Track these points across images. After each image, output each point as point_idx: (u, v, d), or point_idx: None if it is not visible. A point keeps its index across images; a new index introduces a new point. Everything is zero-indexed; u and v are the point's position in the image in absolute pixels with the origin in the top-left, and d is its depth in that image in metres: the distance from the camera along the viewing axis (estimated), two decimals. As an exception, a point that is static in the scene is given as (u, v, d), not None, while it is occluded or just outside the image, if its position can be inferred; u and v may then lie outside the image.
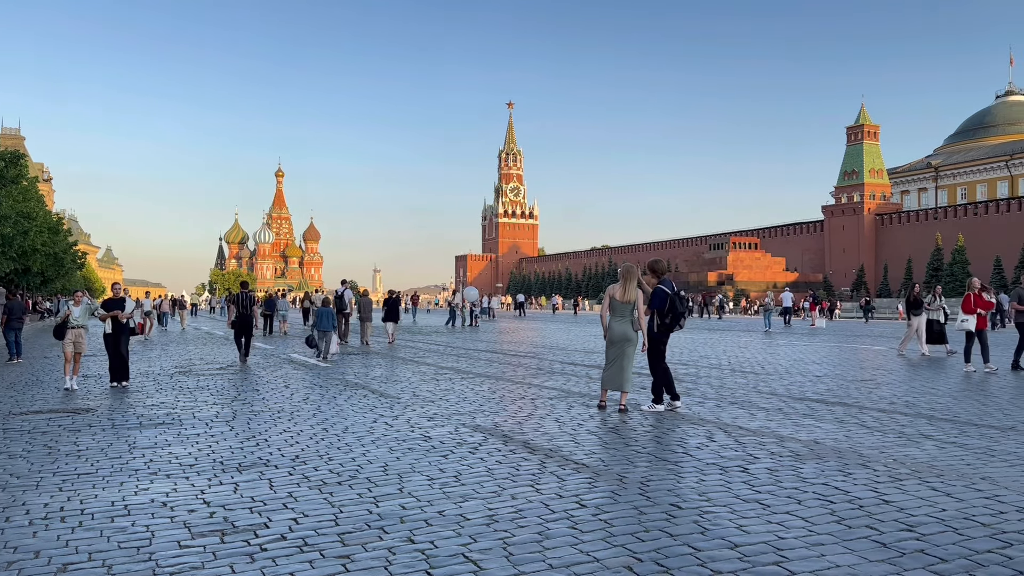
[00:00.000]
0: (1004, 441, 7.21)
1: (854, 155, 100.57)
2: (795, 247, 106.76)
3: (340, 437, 7.57)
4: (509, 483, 5.67)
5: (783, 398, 10.28)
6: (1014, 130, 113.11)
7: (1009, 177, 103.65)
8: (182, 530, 4.62)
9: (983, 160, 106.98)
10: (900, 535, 4.45)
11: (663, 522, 4.70)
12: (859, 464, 6.25)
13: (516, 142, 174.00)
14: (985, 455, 6.58)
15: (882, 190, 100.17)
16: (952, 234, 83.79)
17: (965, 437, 7.41)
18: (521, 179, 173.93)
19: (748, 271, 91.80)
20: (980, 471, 5.99)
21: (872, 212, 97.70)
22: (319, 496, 5.35)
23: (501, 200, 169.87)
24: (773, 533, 4.50)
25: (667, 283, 9.30)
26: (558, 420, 8.51)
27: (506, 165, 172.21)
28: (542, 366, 15.29)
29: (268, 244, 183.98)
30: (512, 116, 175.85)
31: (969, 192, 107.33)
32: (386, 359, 17.05)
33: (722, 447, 6.97)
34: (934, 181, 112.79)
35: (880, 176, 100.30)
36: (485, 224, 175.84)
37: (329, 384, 12.18)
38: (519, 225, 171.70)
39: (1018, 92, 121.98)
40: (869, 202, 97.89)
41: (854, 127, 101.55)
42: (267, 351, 19.81)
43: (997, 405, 9.58)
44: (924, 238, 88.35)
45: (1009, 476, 5.82)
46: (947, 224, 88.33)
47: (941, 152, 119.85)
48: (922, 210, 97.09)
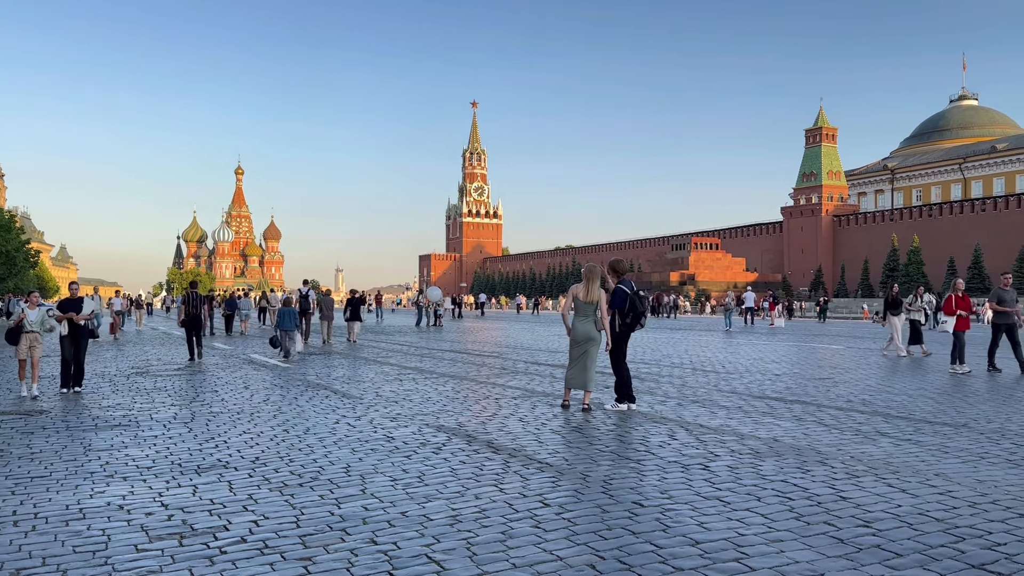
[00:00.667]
0: (957, 438, 7.38)
1: (812, 157, 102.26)
2: (755, 248, 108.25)
3: (301, 438, 7.50)
4: (473, 483, 5.66)
5: (743, 396, 10.41)
6: (967, 134, 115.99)
7: (962, 180, 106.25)
8: (139, 533, 4.54)
9: (937, 163, 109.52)
10: (857, 531, 4.53)
11: (626, 520, 4.74)
12: (817, 461, 6.36)
13: (480, 141, 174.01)
14: (939, 452, 6.74)
15: (840, 192, 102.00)
16: (908, 235, 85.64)
17: (920, 435, 7.57)
18: (485, 179, 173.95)
19: (709, 271, 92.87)
20: (934, 468, 6.13)
21: (830, 213, 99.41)
22: (280, 498, 5.29)
23: (465, 199, 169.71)
24: (733, 530, 4.56)
25: (626, 283, 9.37)
26: (522, 420, 8.52)
27: (470, 164, 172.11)
28: (506, 366, 15.30)
29: (227, 243, 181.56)
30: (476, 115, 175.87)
31: (924, 194, 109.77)
32: (348, 359, 16.94)
33: (684, 445, 7.04)
34: (890, 183, 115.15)
35: (838, 178, 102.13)
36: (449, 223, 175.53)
37: (290, 385, 12.06)
38: (483, 225, 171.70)
39: (971, 97, 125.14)
40: (827, 203, 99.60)
41: (813, 129, 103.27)
42: (226, 351, 19.55)
43: (951, 403, 9.81)
44: (880, 239, 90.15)
45: (962, 472, 5.97)
46: (903, 225, 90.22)
47: (897, 155, 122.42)
48: (878, 212, 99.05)
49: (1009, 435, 7.51)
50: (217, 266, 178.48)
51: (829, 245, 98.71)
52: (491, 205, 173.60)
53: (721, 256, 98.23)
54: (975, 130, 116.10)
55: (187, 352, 17.48)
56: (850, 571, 3.90)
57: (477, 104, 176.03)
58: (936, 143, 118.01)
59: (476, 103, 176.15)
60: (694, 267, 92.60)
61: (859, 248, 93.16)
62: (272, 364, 15.78)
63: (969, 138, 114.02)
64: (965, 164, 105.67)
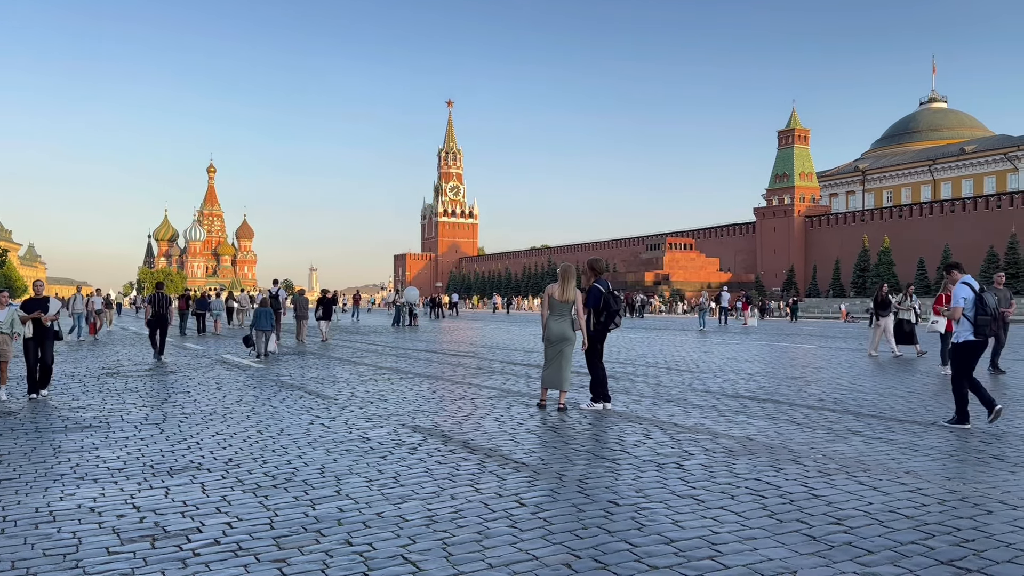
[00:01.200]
0: (927, 436, 7.50)
1: (785, 158, 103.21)
2: (728, 248, 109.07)
3: (275, 439, 7.45)
4: (449, 483, 5.66)
5: (717, 396, 10.50)
6: (937, 136, 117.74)
7: (932, 181, 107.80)
8: (111, 536, 4.49)
9: (907, 165, 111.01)
10: (829, 528, 4.59)
11: (601, 519, 4.76)
12: (790, 459, 6.43)
13: (456, 141, 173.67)
14: (909, 450, 6.84)
15: (811, 193, 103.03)
16: (878, 236, 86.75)
17: (890, 433, 7.68)
18: (461, 178, 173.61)
19: (684, 271, 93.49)
20: (904, 465, 6.22)
21: (802, 214, 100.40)
22: (254, 499, 5.26)
23: (441, 199, 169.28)
24: (707, 528, 4.60)
25: (602, 282, 9.43)
26: (498, 419, 8.52)
27: (445, 164, 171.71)
28: (482, 366, 15.30)
29: (199, 242, 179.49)
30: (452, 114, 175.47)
31: (894, 195, 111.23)
32: (322, 359, 16.84)
33: (658, 444, 7.09)
34: (861, 184, 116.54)
35: (810, 179, 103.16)
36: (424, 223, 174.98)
37: (263, 385, 11.97)
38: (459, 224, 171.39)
39: (940, 99, 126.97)
40: (799, 204, 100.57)
41: (785, 131, 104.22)
42: (198, 352, 19.35)
43: (920, 402, 9.96)
44: (852, 240, 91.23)
45: (931, 470, 6.06)
46: (873, 226, 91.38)
47: (868, 156, 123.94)
48: (850, 212, 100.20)
49: (978, 433, 7.64)
50: (189, 265, 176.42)
51: (801, 245, 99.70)
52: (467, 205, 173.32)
53: (695, 256, 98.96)
54: (944, 132, 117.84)
55: (152, 351, 17.79)
56: (822, 568, 3.95)
57: (453, 103, 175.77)
58: (906, 145, 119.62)
59: (451, 102, 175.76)
60: (668, 267, 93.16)
61: (831, 248, 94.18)
62: (245, 364, 15.65)
63: (939, 140, 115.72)
64: (935, 166, 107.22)
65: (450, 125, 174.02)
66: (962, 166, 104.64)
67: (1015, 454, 6.65)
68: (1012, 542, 4.33)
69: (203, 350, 19.90)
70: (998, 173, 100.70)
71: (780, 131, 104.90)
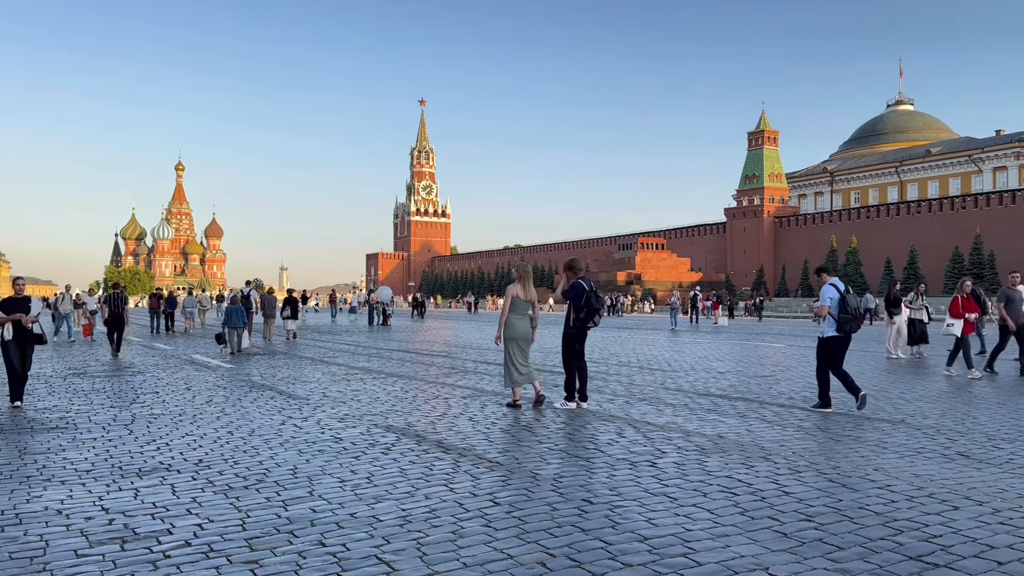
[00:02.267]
0: (895, 434, 7.61)
1: (755, 160, 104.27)
2: (699, 248, 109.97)
3: (246, 440, 7.38)
4: (423, 483, 5.65)
5: (689, 394, 10.57)
6: (903, 138, 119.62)
7: (899, 182, 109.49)
8: (79, 538, 4.42)
9: (875, 166, 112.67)
10: (800, 525, 4.65)
11: (575, 517, 4.77)
12: (761, 457, 6.49)
13: (428, 140, 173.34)
14: (877, 447, 6.94)
15: (781, 194, 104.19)
16: (846, 236, 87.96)
17: (859, 430, 7.79)
18: (434, 177, 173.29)
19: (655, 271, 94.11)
20: (873, 463, 6.31)
21: (771, 215, 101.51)
22: (225, 501, 5.20)
23: (413, 198, 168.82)
24: (680, 525, 4.63)
25: (585, 280, 9.52)
26: (472, 419, 8.52)
27: (418, 163, 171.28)
28: (455, 365, 15.28)
29: (167, 240, 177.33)
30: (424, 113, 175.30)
31: (862, 196, 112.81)
32: (294, 359, 16.71)
33: (632, 443, 7.12)
34: (830, 186, 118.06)
35: (779, 180, 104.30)
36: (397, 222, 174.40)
37: (234, 386, 11.85)
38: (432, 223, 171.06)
39: (907, 102, 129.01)
40: (768, 205, 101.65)
41: (755, 132, 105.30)
42: (167, 352, 19.11)
43: (888, 399, 10.10)
44: (820, 240, 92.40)
45: (899, 467, 6.15)
46: (841, 227, 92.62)
47: (836, 158, 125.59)
48: (818, 213, 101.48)
49: (944, 431, 7.77)
50: (157, 264, 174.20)
51: (770, 245, 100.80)
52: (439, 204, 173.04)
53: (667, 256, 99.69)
54: (911, 134, 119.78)
55: (127, 351, 17.87)
56: (794, 564, 4.00)
57: (425, 102, 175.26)
58: (874, 147, 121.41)
59: (424, 101, 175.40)
60: (640, 267, 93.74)
61: (799, 248, 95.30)
62: (215, 364, 15.49)
63: (905, 142, 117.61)
64: (901, 167, 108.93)
65: (423, 124, 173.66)
66: (928, 168, 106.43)
67: (980, 451, 6.78)
68: (978, 537, 4.42)
69: (172, 350, 19.65)
70: (963, 175, 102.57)
71: (750, 132, 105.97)
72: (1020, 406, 9.48)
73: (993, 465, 6.22)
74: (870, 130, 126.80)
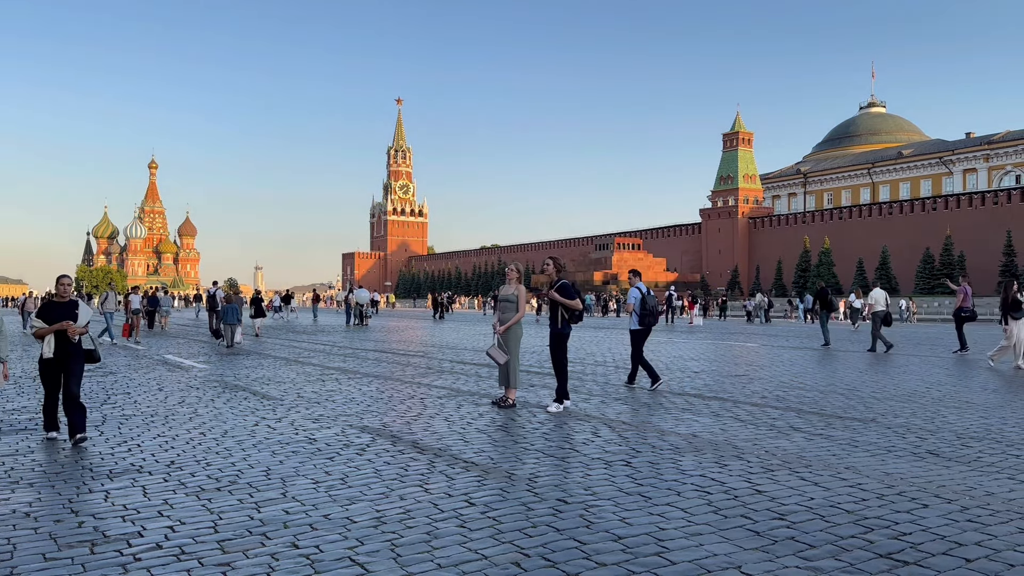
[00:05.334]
0: (866, 433, 7.70)
1: (730, 161, 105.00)
2: (675, 248, 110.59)
3: (219, 441, 7.31)
4: (397, 484, 5.62)
5: (663, 394, 10.62)
6: (876, 140, 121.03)
7: (871, 184, 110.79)
8: (47, 542, 4.35)
9: (847, 168, 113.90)
10: (772, 523, 4.68)
11: (550, 517, 4.78)
12: (734, 456, 6.53)
13: (405, 139, 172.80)
14: (849, 446, 7.01)
15: (755, 195, 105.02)
16: (819, 237, 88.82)
17: (831, 429, 7.86)
18: (410, 176, 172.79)
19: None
20: (844, 461, 6.38)
21: (746, 216, 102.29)
22: (197, 503, 5.15)
23: (390, 197, 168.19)
24: (655, 524, 4.65)
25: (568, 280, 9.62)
26: (447, 419, 8.50)
27: (395, 162, 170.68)
28: (431, 365, 15.24)
29: (140, 239, 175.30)
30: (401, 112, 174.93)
31: (835, 198, 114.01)
32: (268, 359, 16.58)
33: (607, 442, 7.14)
34: (803, 187, 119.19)
35: (754, 181, 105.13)
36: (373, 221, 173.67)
37: (207, 386, 11.74)
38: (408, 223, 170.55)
39: (879, 104, 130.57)
40: (743, 206, 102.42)
41: (730, 134, 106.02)
42: (139, 352, 18.89)
43: (860, 399, 10.21)
44: (794, 241, 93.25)
45: (870, 466, 6.22)
46: (815, 228, 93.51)
47: (810, 159, 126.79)
48: (792, 214, 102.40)
49: (914, 429, 7.87)
50: (129, 263, 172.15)
51: (745, 246, 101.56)
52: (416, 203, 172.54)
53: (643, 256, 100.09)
54: (883, 136, 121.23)
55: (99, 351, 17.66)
56: (766, 563, 4.03)
57: (402, 101, 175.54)
58: (847, 148, 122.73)
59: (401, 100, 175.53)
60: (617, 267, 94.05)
61: (773, 249, 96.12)
62: (188, 365, 15.33)
63: (878, 144, 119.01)
64: (873, 169, 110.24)
65: (399, 123, 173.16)
66: (899, 169, 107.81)
67: (949, 449, 6.87)
68: (947, 534, 4.48)
69: (144, 350, 19.43)
70: (934, 176, 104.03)
71: (725, 134, 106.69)
72: (988, 405, 9.63)
73: (962, 463, 6.31)
74: (843, 132, 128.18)
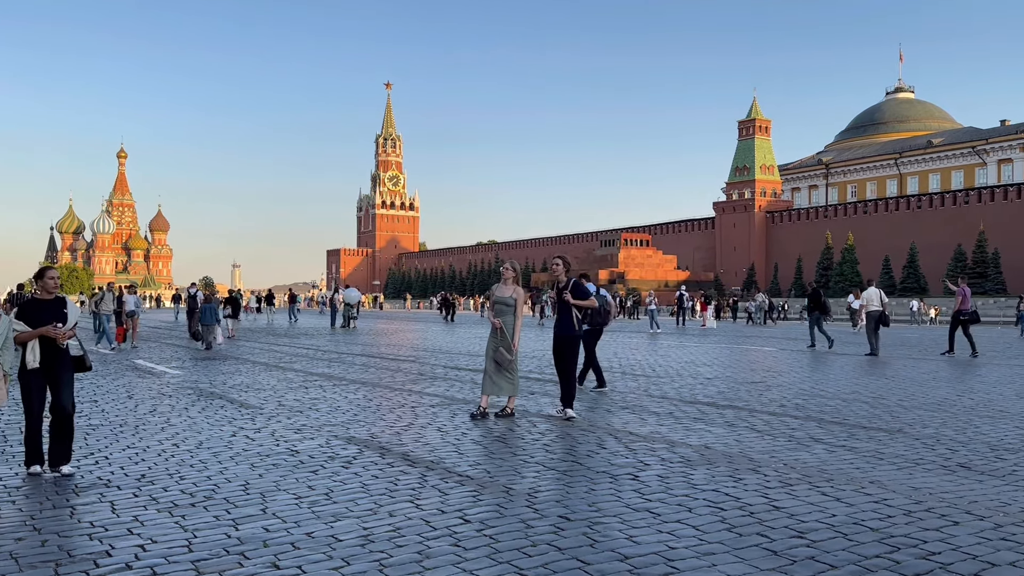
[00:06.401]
0: (892, 444, 7.71)
1: (746, 150, 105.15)
2: (687, 245, 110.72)
3: (193, 453, 7.31)
4: (386, 499, 5.63)
5: (674, 401, 10.64)
6: (903, 128, 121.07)
7: (898, 175, 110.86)
8: (8, 562, 4.35)
9: (873, 158, 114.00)
10: (791, 542, 4.69)
11: (551, 535, 4.78)
12: (750, 469, 6.55)
13: (395, 126, 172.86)
14: (874, 458, 7.02)
15: (773, 186, 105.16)
16: (842, 233, 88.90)
17: (854, 440, 7.88)
18: (400, 167, 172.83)
19: (640, 269, 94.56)
20: (869, 475, 6.39)
21: (763, 209, 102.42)
22: (169, 520, 5.15)
23: (378, 189, 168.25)
24: (664, 543, 4.66)
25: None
26: (440, 429, 8.51)
27: (384, 151, 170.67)
28: (423, 371, 15.25)
29: (108, 235, 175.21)
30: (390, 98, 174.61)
31: (859, 190, 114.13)
32: (246, 365, 16.59)
33: (612, 454, 7.15)
34: (825, 178, 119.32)
35: (771, 172, 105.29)
36: (361, 216, 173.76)
37: (180, 394, 11.75)
38: (398, 217, 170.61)
39: (907, 89, 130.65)
40: (760, 199, 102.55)
41: (746, 121, 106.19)
42: (107, 357, 18.89)
43: (885, 407, 10.23)
44: (814, 236, 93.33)
45: (897, 479, 6.23)
46: (837, 222, 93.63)
47: (832, 149, 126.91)
48: (812, 208, 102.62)
49: (944, 440, 7.89)
50: (96, 260, 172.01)
51: (762, 242, 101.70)
52: (407, 196, 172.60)
53: (652, 253, 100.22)
54: (911, 124, 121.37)
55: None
56: (784, 584, 4.03)
57: (391, 85, 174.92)
58: (872, 137, 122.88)
59: (390, 84, 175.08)
60: (624, 264, 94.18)
61: (792, 245, 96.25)
62: (160, 371, 15.34)
63: (905, 132, 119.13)
64: (901, 159, 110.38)
65: (388, 109, 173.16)
66: (929, 160, 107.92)
67: (982, 462, 6.88)
68: (979, 554, 4.48)
69: (112, 356, 19.43)
70: (966, 167, 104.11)
71: (741, 121, 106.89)
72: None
73: (996, 477, 6.32)
74: (868, 119, 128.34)
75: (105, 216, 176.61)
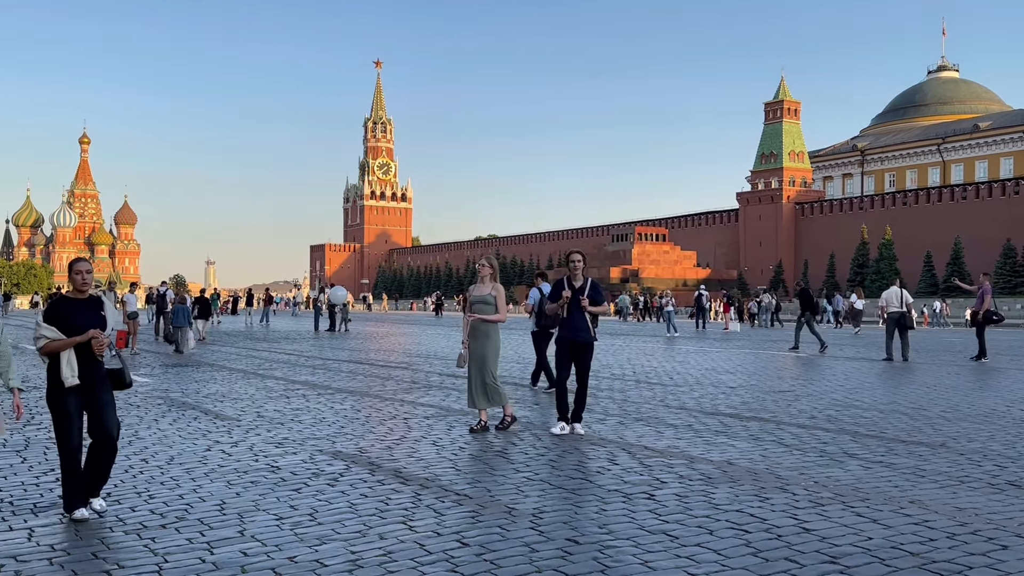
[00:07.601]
0: (934, 460, 7.71)
1: (773, 135, 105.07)
2: (707, 239, 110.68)
3: (164, 469, 7.33)
4: (376, 520, 5.64)
5: (693, 413, 10.65)
6: (947, 110, 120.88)
7: (941, 162, 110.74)
8: (-41, 590, 4.37)
9: (913, 143, 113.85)
10: (822, 568, 4.69)
11: (558, 560, 4.79)
12: (777, 487, 6.55)
13: (386, 109, 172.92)
14: (914, 476, 7.02)
15: (803, 175, 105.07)
16: (879, 226, 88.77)
17: (892, 456, 7.88)
18: (392, 154, 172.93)
19: (655, 266, 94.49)
20: (908, 494, 6.39)
21: (791, 200, 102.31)
22: (138, 543, 5.17)
23: (367, 178, 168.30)
24: (682, 569, 4.66)
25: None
26: (436, 443, 8.52)
27: (373, 136, 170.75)
28: (417, 379, 15.27)
29: (69, 229, 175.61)
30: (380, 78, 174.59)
31: (898, 179, 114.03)
32: (222, 372, 16.62)
33: (625, 471, 7.16)
34: (860, 166, 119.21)
35: (801, 159, 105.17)
36: (348, 207, 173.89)
37: (149, 404, 11.78)
38: (389, 209, 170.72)
39: (951, 68, 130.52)
40: (788, 188, 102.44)
41: (773, 103, 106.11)
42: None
43: (927, 419, 10.23)
44: (848, 230, 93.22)
45: (939, 499, 6.23)
46: (873, 215, 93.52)
47: (868, 134, 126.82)
48: (846, 199, 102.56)
49: (992, 456, 7.88)
50: (56, 257, 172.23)
51: (790, 236, 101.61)
52: (399, 186, 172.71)
53: (669, 249, 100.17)
54: (956, 106, 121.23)
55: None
56: (815, 615, 4.04)
57: (382, 64, 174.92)
58: (912, 120, 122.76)
59: (380, 62, 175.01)
60: (638, 261, 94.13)
61: (824, 240, 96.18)
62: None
63: (949, 115, 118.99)
64: (944, 145, 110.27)
65: (379, 90, 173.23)
66: (976, 145, 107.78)
67: (1033, 479, 6.88)
68: (1029, 581, 4.48)
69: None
70: (1016, 154, 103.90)
71: (767, 103, 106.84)
72: (1080, 426, 9.64)
73: (1048, 496, 6.31)
74: (908, 101, 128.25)
75: (66, 208, 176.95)
